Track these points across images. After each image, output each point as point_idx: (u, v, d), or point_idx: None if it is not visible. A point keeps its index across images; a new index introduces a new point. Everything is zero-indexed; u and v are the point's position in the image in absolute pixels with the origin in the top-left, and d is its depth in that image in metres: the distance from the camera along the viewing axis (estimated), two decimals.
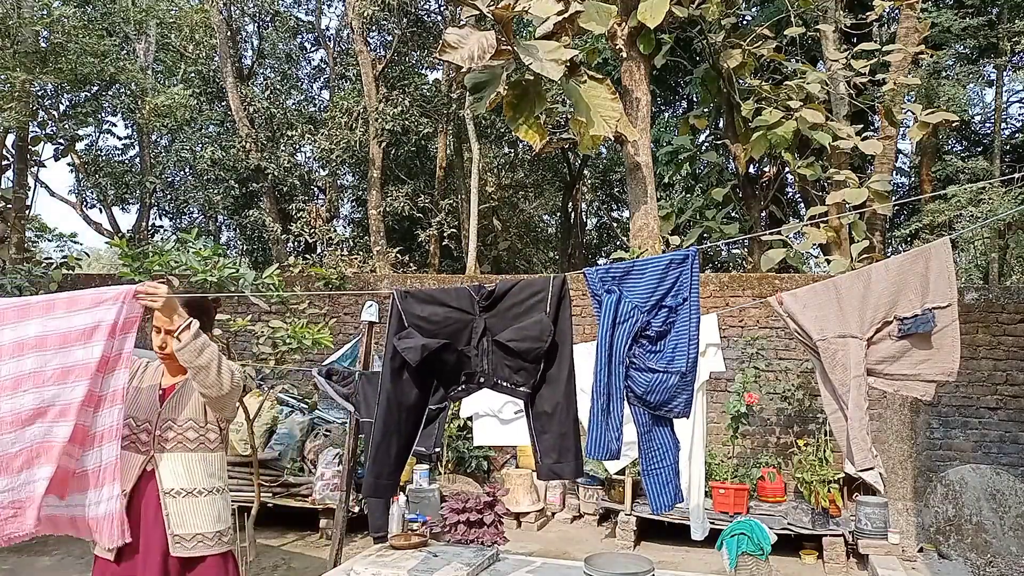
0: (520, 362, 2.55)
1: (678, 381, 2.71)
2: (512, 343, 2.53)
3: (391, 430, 2.46)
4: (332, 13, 26.62)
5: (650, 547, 6.49)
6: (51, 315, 2.71)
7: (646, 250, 8.37)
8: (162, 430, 2.65)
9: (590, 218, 20.42)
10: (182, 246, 4.67)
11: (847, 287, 3.22)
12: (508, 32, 7.37)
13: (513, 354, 2.54)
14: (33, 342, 2.69)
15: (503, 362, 2.56)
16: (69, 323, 2.69)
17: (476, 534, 5.62)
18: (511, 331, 2.56)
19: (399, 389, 2.49)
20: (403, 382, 2.50)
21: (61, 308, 2.70)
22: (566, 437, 2.58)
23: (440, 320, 2.57)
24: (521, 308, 2.60)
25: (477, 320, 2.60)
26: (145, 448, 2.62)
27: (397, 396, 2.48)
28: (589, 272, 2.74)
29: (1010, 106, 15.10)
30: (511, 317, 2.60)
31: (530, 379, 2.57)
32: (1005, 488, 6.12)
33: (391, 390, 2.47)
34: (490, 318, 2.60)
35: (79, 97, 14.10)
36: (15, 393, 2.62)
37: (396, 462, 2.49)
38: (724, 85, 10.25)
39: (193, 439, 2.65)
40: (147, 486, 2.60)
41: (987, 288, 7.08)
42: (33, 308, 2.72)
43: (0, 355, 2.65)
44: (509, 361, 2.55)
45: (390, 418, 2.46)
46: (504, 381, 2.58)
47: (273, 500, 6.64)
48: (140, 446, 2.62)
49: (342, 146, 14.16)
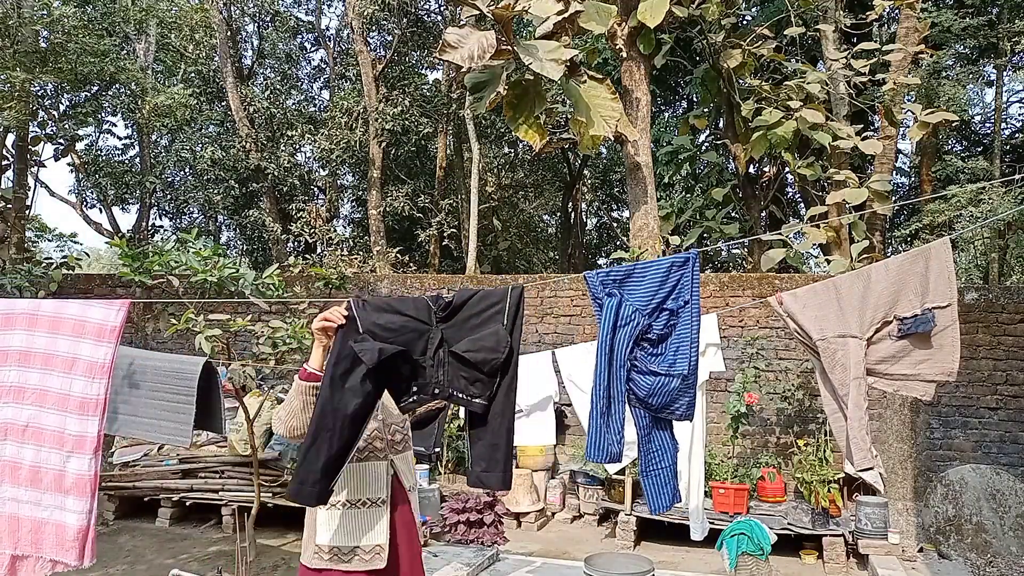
0: (476, 373, 2.52)
1: (680, 384, 2.71)
2: (468, 354, 2.50)
3: (321, 437, 2.37)
4: (332, 13, 26.65)
5: (650, 547, 6.48)
6: (36, 331, 2.77)
7: (646, 250, 8.37)
8: (391, 434, 2.72)
9: (590, 218, 20.43)
10: (182, 246, 4.67)
11: (847, 287, 3.22)
12: (508, 32, 7.37)
13: (469, 365, 2.51)
14: (17, 356, 2.74)
15: (459, 373, 2.54)
16: (55, 345, 2.75)
17: (476, 534, 5.63)
18: (467, 342, 2.53)
19: (337, 396, 2.40)
20: (344, 391, 2.41)
21: (44, 327, 2.75)
22: (496, 448, 2.56)
23: (396, 328, 2.52)
24: (478, 319, 2.57)
25: (434, 331, 2.56)
26: (383, 455, 2.68)
27: (334, 403, 2.38)
28: (590, 275, 2.74)
29: (1010, 106, 15.11)
30: (468, 328, 2.57)
31: (486, 391, 2.55)
32: (1005, 488, 6.12)
33: (328, 397, 2.39)
34: (447, 329, 2.57)
35: (79, 97, 14.10)
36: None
37: (323, 470, 2.37)
38: (724, 85, 10.25)
39: (409, 436, 2.82)
40: (397, 490, 2.70)
41: (987, 288, 7.08)
42: (17, 318, 2.77)
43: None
44: (465, 372, 2.53)
45: (322, 423, 2.37)
46: (460, 392, 2.55)
47: (273, 500, 6.64)
48: (378, 454, 2.67)
49: (342, 146, 14.17)
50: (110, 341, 2.76)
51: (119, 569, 5.68)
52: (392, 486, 2.67)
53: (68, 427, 2.70)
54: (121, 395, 4.01)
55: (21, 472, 2.72)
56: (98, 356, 2.74)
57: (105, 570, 5.59)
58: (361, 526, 2.59)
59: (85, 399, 2.71)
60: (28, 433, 2.72)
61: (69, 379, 2.73)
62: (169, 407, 4.01)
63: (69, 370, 2.73)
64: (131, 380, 4.03)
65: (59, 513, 2.71)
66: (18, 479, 2.73)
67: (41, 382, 2.73)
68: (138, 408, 4.05)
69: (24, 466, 2.71)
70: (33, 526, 2.73)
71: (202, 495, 6.88)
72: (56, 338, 2.76)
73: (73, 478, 2.69)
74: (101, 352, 2.74)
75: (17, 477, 2.72)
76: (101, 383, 2.73)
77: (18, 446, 2.73)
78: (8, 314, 2.79)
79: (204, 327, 4.25)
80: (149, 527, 6.87)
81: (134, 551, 6.15)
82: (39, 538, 2.73)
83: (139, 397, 4.04)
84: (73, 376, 2.73)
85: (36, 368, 2.74)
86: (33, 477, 2.73)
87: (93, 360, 2.73)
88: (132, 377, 4.04)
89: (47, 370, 2.73)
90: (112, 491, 7.04)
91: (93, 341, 2.75)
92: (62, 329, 2.76)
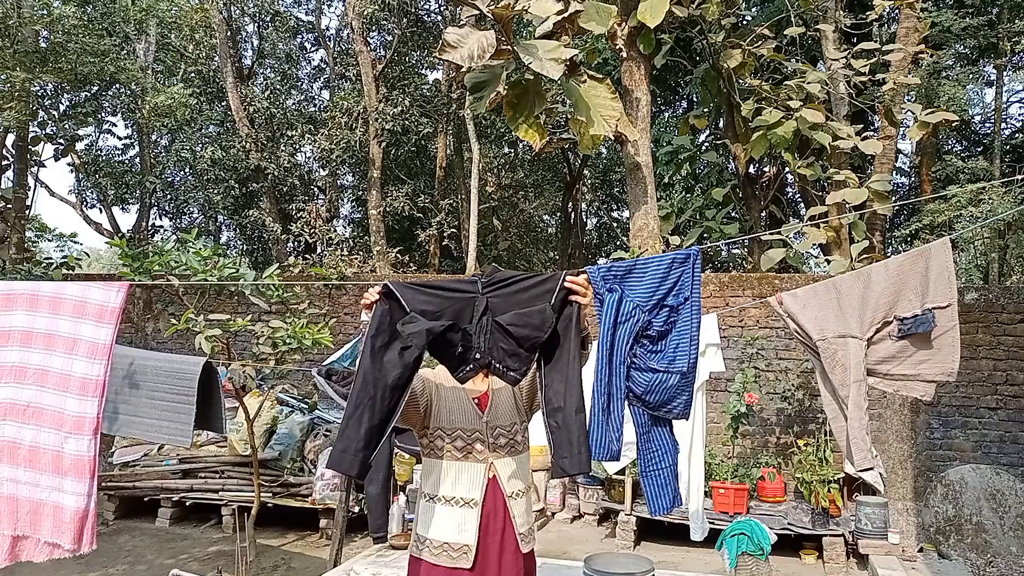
0: (516, 347, 2.52)
1: (679, 381, 2.71)
2: (512, 327, 2.51)
3: (363, 405, 2.41)
4: (332, 13, 26.64)
5: (650, 547, 6.49)
6: (37, 311, 2.77)
7: (646, 250, 8.37)
8: (494, 437, 2.71)
9: (590, 218, 20.41)
10: (182, 246, 4.67)
11: (847, 287, 3.22)
12: (508, 32, 7.37)
13: (511, 337, 2.52)
14: (19, 336, 2.74)
15: (499, 344, 2.54)
16: (56, 326, 2.74)
17: None
18: (513, 315, 2.54)
19: (378, 366, 2.45)
20: (384, 362, 2.46)
21: (45, 307, 2.75)
22: (571, 434, 2.56)
23: (442, 301, 2.56)
24: (526, 295, 2.58)
25: (479, 298, 2.58)
26: (483, 456, 2.68)
27: (375, 372, 2.44)
28: (591, 271, 2.73)
29: (1010, 106, 15.12)
30: (515, 302, 2.57)
31: (522, 367, 2.56)
32: (1005, 488, 6.12)
33: (369, 366, 2.44)
34: (493, 297, 2.58)
35: (79, 97, 14.09)
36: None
37: (366, 438, 2.41)
38: (724, 85, 10.25)
39: (520, 441, 2.77)
40: (492, 493, 2.68)
41: (987, 288, 7.08)
42: (18, 299, 2.77)
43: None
44: (504, 344, 2.54)
45: (364, 393, 2.42)
46: (497, 362, 2.56)
47: (273, 500, 6.65)
48: (477, 455, 2.68)
49: (342, 146, 14.16)
50: (110, 322, 2.75)
51: (119, 569, 5.68)
52: (488, 488, 2.66)
53: (67, 407, 2.68)
54: (121, 395, 4.01)
55: (20, 452, 2.70)
56: (99, 337, 2.73)
57: (105, 570, 5.59)
58: (452, 523, 2.60)
59: (86, 379, 2.70)
60: (28, 413, 2.71)
61: (71, 359, 2.72)
62: (169, 407, 4.01)
63: (71, 350, 2.72)
64: (131, 380, 4.03)
65: (56, 495, 2.69)
66: (16, 459, 2.71)
67: (43, 362, 2.72)
68: (138, 408, 4.05)
69: (23, 446, 2.70)
70: (32, 507, 2.72)
71: (202, 495, 6.88)
72: (57, 319, 2.76)
73: (71, 459, 2.67)
74: (102, 333, 2.73)
75: (16, 457, 2.71)
76: (102, 363, 2.72)
77: (18, 426, 2.71)
78: (9, 294, 2.78)
79: (204, 327, 4.25)
80: (149, 527, 6.87)
81: (134, 551, 6.15)
82: (37, 519, 2.71)
83: (139, 397, 4.04)
84: (75, 356, 2.72)
85: (38, 348, 2.73)
86: (32, 457, 2.71)
87: (94, 341, 2.72)
88: (132, 377, 4.04)
89: (49, 350, 2.72)
90: (112, 491, 7.04)
91: (94, 322, 2.74)
92: (63, 310, 2.76)
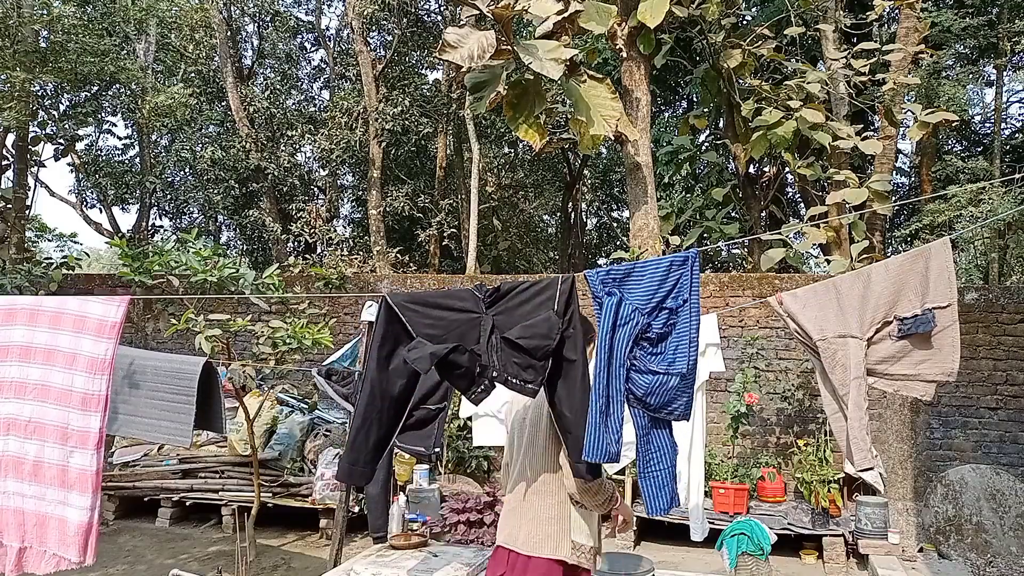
0: (528, 359, 2.54)
1: (679, 383, 2.71)
2: (522, 340, 2.53)
3: (371, 418, 2.47)
4: (332, 13, 26.66)
5: (650, 547, 6.49)
6: (36, 326, 2.78)
7: (646, 250, 8.37)
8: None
9: (590, 218, 20.41)
10: (182, 246, 4.68)
11: (847, 287, 3.22)
12: (508, 32, 7.37)
13: (522, 351, 2.53)
14: (18, 351, 2.76)
15: (512, 359, 2.56)
16: (56, 341, 2.76)
17: (476, 534, 5.62)
18: (519, 328, 2.55)
19: (384, 378, 2.48)
20: (389, 372, 2.49)
21: (44, 323, 2.76)
22: (579, 441, 2.58)
23: (447, 323, 2.56)
24: (529, 306, 2.60)
25: (484, 318, 2.59)
26: None
27: (381, 385, 2.48)
28: (590, 274, 2.73)
29: (1010, 106, 15.12)
30: (519, 315, 2.59)
31: (538, 376, 2.57)
32: (1005, 488, 6.12)
33: (376, 379, 2.48)
34: (497, 315, 2.60)
35: (79, 97, 14.09)
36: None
37: (374, 451, 2.48)
38: (724, 85, 10.24)
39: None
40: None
41: (987, 288, 7.08)
42: (18, 314, 2.78)
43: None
44: (517, 358, 2.55)
45: (371, 407, 2.47)
46: (513, 378, 2.58)
47: (273, 500, 6.65)
48: None
49: (342, 146, 14.16)
50: (110, 337, 2.77)
51: (119, 569, 5.68)
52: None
53: (71, 422, 2.71)
54: (121, 395, 4.01)
55: (25, 466, 2.74)
56: (99, 352, 2.75)
57: (105, 570, 5.59)
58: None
59: (87, 395, 2.72)
60: (31, 428, 2.74)
61: (71, 375, 2.74)
62: (169, 407, 4.01)
63: (71, 366, 2.74)
64: (131, 380, 4.03)
65: (61, 508, 2.73)
66: (22, 473, 2.75)
67: (43, 378, 2.74)
68: (138, 408, 4.05)
69: (28, 461, 2.73)
70: (38, 520, 2.75)
71: (202, 495, 6.88)
72: (57, 334, 2.77)
73: (76, 473, 2.70)
74: (102, 348, 2.75)
75: (21, 472, 2.74)
76: (103, 379, 2.74)
77: (21, 441, 2.75)
78: (9, 309, 2.79)
79: (204, 327, 4.26)
80: (149, 527, 6.87)
81: (134, 551, 6.15)
82: (43, 532, 2.75)
83: (139, 397, 4.04)
84: (75, 372, 2.74)
85: (38, 364, 2.75)
86: (37, 471, 2.74)
87: (94, 356, 2.74)
88: (132, 377, 4.04)
89: (48, 366, 2.74)
90: (112, 491, 7.04)
91: (94, 337, 2.75)
92: (63, 325, 2.77)
